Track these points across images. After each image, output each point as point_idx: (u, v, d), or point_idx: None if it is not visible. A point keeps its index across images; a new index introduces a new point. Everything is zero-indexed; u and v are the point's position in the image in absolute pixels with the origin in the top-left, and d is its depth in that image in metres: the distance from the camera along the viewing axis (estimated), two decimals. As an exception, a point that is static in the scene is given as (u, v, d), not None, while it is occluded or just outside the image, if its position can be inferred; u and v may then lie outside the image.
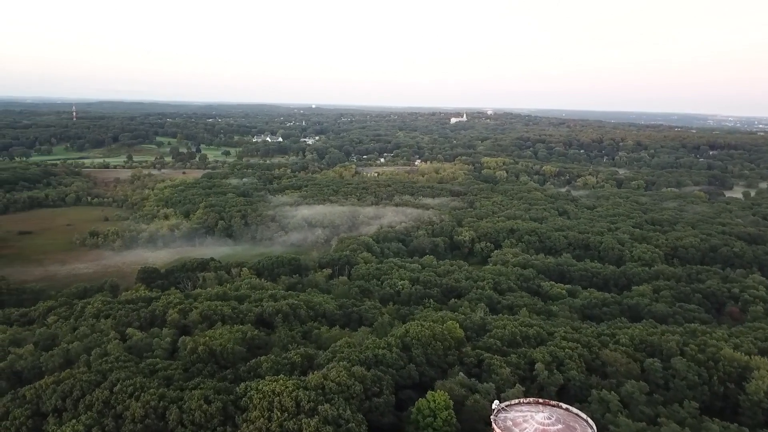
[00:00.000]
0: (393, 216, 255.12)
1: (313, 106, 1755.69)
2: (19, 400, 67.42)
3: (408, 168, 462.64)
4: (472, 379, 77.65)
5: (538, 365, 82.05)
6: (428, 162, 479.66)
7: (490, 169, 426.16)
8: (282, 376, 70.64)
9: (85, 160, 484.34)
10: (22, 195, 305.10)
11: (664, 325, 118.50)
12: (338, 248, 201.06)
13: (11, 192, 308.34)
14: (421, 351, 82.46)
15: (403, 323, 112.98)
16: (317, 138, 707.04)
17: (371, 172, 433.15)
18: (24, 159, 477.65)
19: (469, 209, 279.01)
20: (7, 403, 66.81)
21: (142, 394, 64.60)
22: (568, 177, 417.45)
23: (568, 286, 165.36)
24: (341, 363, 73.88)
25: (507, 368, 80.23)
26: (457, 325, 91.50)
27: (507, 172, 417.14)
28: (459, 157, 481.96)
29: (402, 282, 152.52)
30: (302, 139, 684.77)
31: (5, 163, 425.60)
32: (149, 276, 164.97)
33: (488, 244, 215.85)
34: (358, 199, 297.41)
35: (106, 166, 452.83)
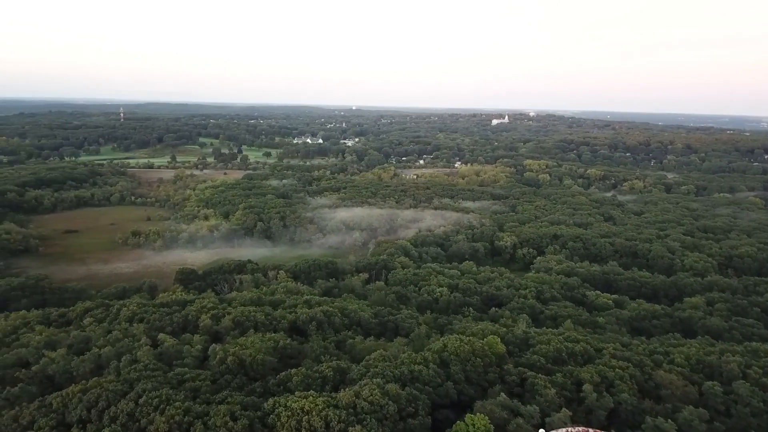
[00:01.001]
0: (432, 219, 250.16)
1: (354, 108, 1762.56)
2: (45, 409, 65.95)
3: (448, 170, 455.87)
4: (515, 401, 72.45)
5: (586, 386, 76.28)
6: (469, 164, 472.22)
7: (532, 172, 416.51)
8: (312, 392, 67.17)
9: (131, 161, 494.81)
10: (70, 194, 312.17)
11: (722, 342, 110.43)
12: (375, 252, 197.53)
13: (59, 191, 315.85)
14: (460, 368, 77.71)
15: (441, 334, 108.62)
16: (357, 140, 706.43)
17: (410, 174, 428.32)
18: (73, 159, 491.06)
19: (510, 213, 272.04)
20: (33, 412, 65.43)
21: (167, 408, 62.07)
22: (613, 181, 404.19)
23: (614, 296, 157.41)
24: (374, 380, 69.87)
25: (552, 389, 74.76)
26: (498, 339, 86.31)
27: (550, 175, 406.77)
28: (500, 160, 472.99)
29: (440, 289, 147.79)
30: (342, 141, 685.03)
31: (55, 163, 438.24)
32: (187, 277, 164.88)
33: (531, 250, 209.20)
34: (397, 202, 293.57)
35: (150, 167, 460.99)
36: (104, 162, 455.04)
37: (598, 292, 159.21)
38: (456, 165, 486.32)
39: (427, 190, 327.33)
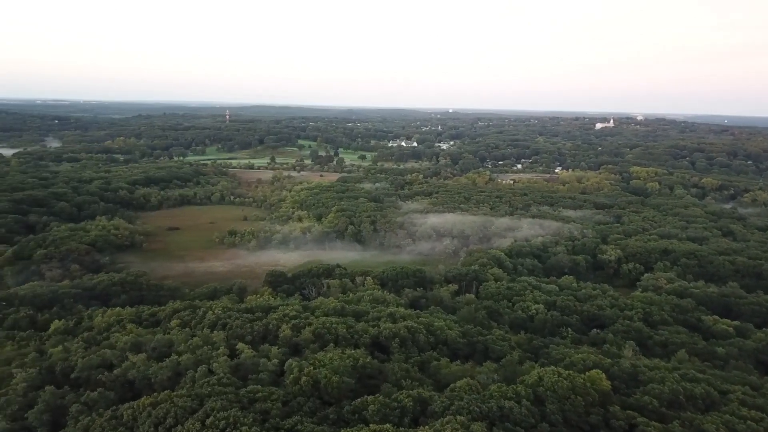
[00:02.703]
0: (528, 228, 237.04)
1: (450, 111, 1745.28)
2: (116, 421, 64.33)
3: (547, 176, 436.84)
4: (622, 453, 62.57)
5: (711, 441, 64.74)
6: (570, 170, 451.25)
7: (639, 179, 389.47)
8: (389, 425, 60.80)
9: (233, 161, 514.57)
10: (174, 192, 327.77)
11: None
12: (466, 262, 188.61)
13: (165, 189, 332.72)
14: (557, 407, 68.30)
15: (536, 359, 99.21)
16: (452, 143, 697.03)
17: (507, 179, 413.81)
18: (181, 158, 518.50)
19: (615, 224, 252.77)
20: (104, 423, 64.03)
21: (234, 432, 58.27)
22: (732, 191, 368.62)
23: (735, 322, 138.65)
24: (458, 417, 62.34)
25: (668, 441, 63.98)
26: (603, 375, 75.83)
27: (659, 183, 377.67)
28: (604, 166, 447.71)
29: (536, 306, 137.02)
30: (437, 144, 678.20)
31: (164, 162, 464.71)
32: (276, 279, 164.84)
33: (637, 265, 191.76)
34: (491, 208, 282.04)
35: (251, 167, 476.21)
36: (208, 162, 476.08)
37: (716, 317, 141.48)
38: (556, 170, 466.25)
39: (525, 196, 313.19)
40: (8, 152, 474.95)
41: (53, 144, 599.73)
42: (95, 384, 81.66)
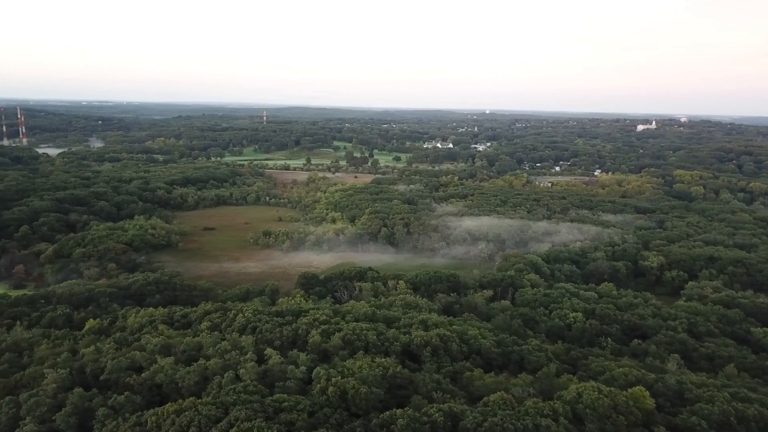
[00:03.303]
0: (567, 233, 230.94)
1: (487, 112, 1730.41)
2: (140, 427, 63.44)
3: (586, 179, 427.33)
4: (668, 479, 58.45)
5: (766, 469, 60.09)
6: (610, 173, 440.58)
7: (683, 183, 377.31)
8: (417, 442, 58.25)
9: (269, 162, 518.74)
10: (211, 193, 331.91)
11: None
12: (502, 267, 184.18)
13: (202, 190, 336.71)
14: (597, 426, 64.48)
15: (574, 372, 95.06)
16: (488, 144, 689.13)
17: (544, 182, 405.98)
18: (218, 159, 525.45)
19: (657, 230, 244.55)
20: (128, 429, 63.14)
21: (257, 444, 56.37)
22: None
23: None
24: (492, 437, 59.34)
25: (718, 468, 59.60)
26: (646, 392, 71.50)
27: (704, 187, 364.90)
28: (646, 169, 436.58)
29: (574, 314, 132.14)
30: (473, 146, 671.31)
31: (202, 163, 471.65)
32: (308, 282, 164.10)
33: (681, 273, 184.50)
34: (528, 212, 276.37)
35: (287, 168, 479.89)
36: (245, 162, 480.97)
37: (767, 329, 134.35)
38: (596, 173, 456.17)
39: (563, 200, 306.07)
40: (54, 152, 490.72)
41: (96, 144, 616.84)
42: (123, 387, 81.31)
